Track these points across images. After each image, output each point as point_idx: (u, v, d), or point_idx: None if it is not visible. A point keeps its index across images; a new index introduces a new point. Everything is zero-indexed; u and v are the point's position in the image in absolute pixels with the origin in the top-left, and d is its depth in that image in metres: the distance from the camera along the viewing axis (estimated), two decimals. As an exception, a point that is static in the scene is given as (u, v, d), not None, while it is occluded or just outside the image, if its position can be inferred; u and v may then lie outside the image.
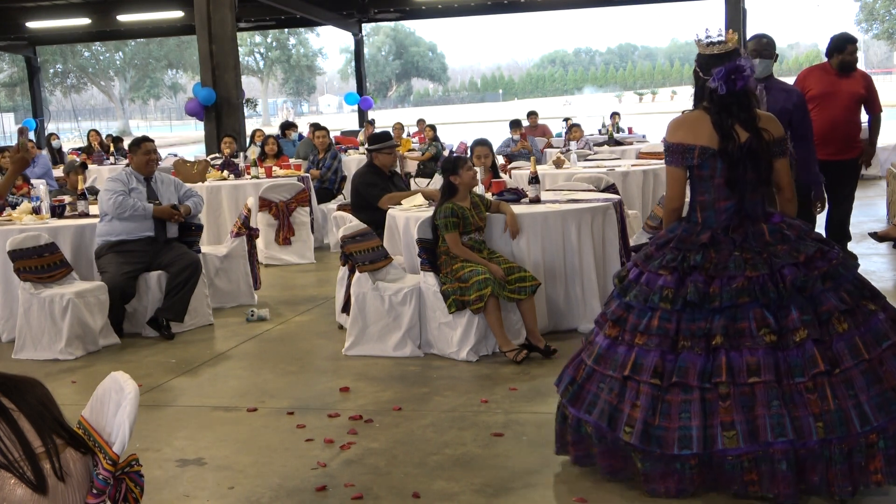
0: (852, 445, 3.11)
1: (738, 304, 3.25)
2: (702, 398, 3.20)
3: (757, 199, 3.50)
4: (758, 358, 3.17)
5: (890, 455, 3.13)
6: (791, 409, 3.13)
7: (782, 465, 3.10)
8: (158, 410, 4.75)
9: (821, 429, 3.10)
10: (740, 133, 3.47)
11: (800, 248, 3.33)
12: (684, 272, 3.35)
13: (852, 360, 3.16)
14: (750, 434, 3.13)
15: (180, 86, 64.82)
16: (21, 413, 2.03)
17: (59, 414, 2.11)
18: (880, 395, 3.14)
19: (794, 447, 3.10)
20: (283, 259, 8.99)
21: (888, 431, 3.12)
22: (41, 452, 2.01)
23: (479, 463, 3.81)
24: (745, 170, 3.46)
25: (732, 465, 3.17)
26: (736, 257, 3.33)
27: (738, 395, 3.17)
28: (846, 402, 3.12)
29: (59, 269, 6.01)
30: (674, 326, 3.29)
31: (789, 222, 3.47)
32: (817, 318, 3.21)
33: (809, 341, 3.18)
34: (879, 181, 13.40)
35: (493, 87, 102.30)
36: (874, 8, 52.01)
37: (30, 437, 2.00)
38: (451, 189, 5.48)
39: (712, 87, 3.46)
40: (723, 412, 3.17)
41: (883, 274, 7.18)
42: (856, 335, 3.20)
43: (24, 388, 2.08)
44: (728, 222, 3.45)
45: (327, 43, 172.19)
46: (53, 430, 2.06)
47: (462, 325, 5.29)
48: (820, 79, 7.35)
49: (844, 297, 3.26)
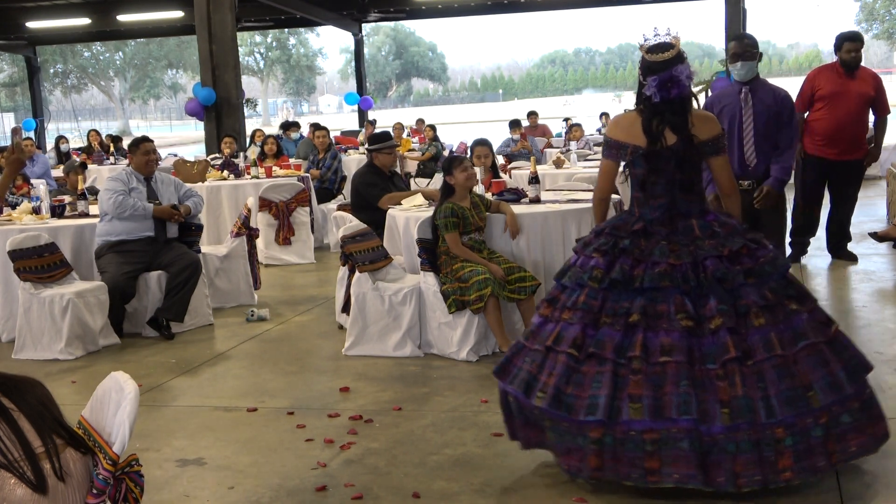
0: (759, 437, 3.17)
1: (659, 288, 3.37)
2: (614, 371, 3.29)
3: (691, 198, 3.62)
4: (672, 339, 3.27)
5: (798, 451, 3.19)
6: (699, 392, 3.21)
7: (684, 444, 3.17)
8: (158, 410, 4.75)
9: (726, 415, 3.16)
10: (668, 136, 3.60)
11: (725, 243, 3.44)
12: (614, 255, 3.50)
13: (765, 353, 3.24)
14: (655, 409, 3.20)
15: (180, 86, 64.80)
16: (21, 413, 2.03)
17: (59, 414, 2.11)
18: (790, 391, 3.21)
19: (698, 429, 3.16)
20: (283, 259, 8.99)
21: (795, 427, 3.18)
22: (41, 452, 2.01)
23: (479, 463, 3.81)
24: (673, 171, 3.59)
25: (634, 444, 3.21)
26: (662, 246, 3.47)
27: (649, 372, 3.26)
28: (755, 392, 3.20)
29: (59, 269, 6.01)
30: (598, 304, 3.42)
31: (723, 220, 3.58)
32: (735, 310, 3.31)
33: (724, 329, 3.27)
34: (879, 181, 13.40)
35: (493, 87, 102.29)
36: (874, 8, 51.99)
37: (30, 437, 2.00)
38: (448, 189, 5.49)
39: (648, 95, 3.61)
40: (632, 385, 3.25)
41: (883, 274, 7.17)
42: (772, 331, 3.29)
43: (24, 388, 2.08)
44: (661, 217, 3.58)
45: (327, 43, 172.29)
46: (53, 430, 2.06)
47: (462, 325, 5.29)
48: (829, 79, 7.37)
49: (766, 294, 3.35)
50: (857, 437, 3.30)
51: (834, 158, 7.35)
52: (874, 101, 7.35)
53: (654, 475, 3.21)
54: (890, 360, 4.96)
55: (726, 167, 3.79)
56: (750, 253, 3.45)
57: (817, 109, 7.39)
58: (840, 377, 3.29)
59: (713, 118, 3.81)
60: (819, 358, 3.31)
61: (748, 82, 5.65)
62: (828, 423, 3.23)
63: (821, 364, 3.30)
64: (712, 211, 3.67)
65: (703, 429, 3.17)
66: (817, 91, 7.38)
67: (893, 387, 4.52)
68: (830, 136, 7.30)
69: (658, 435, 3.19)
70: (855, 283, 6.89)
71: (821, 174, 7.48)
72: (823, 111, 7.34)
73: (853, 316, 5.94)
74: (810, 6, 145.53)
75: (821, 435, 3.22)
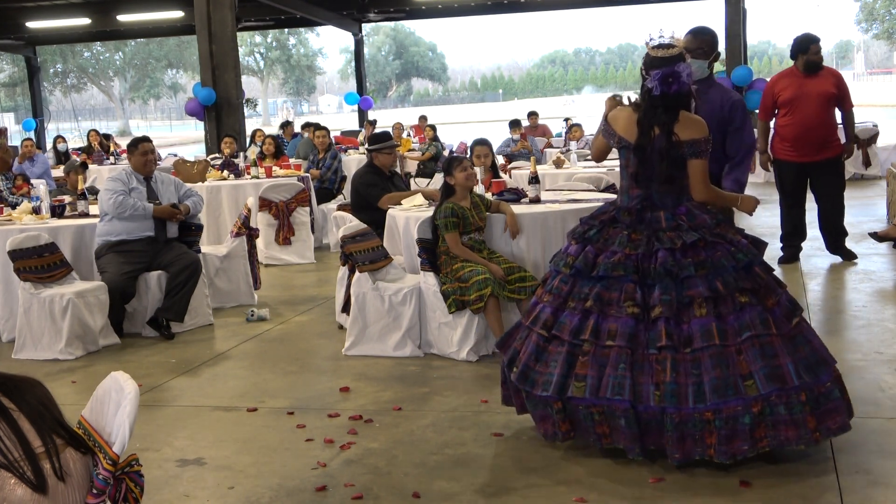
0: (684, 417, 3.43)
1: (613, 276, 3.63)
2: (569, 352, 3.63)
3: (667, 191, 3.78)
4: (619, 325, 3.55)
5: (722, 435, 3.41)
6: (637, 374, 3.50)
7: (621, 421, 3.50)
8: (158, 410, 4.75)
9: (657, 396, 3.45)
10: (655, 132, 3.77)
11: (682, 236, 3.63)
12: (584, 243, 3.78)
13: (702, 342, 3.46)
14: (594, 388, 3.54)
15: (180, 86, 64.80)
16: (21, 413, 2.03)
17: (59, 414, 2.11)
18: (722, 379, 3.42)
19: (633, 408, 3.46)
20: (283, 259, 8.99)
21: (722, 412, 3.40)
22: (41, 452, 2.01)
23: (479, 463, 3.81)
24: (656, 165, 3.76)
25: (584, 415, 3.58)
26: (623, 236, 3.71)
27: (596, 353, 3.57)
28: (687, 378, 3.45)
29: (59, 269, 6.01)
30: (567, 289, 3.73)
31: (694, 214, 3.74)
32: (679, 300, 3.53)
33: (662, 318, 3.52)
34: (879, 181, 13.40)
35: (493, 87, 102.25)
36: (874, 8, 52.00)
37: (30, 437, 2.00)
38: (448, 189, 5.50)
39: (648, 87, 3.76)
40: (580, 366, 3.59)
41: (883, 274, 7.17)
42: (713, 322, 3.49)
43: (24, 388, 2.08)
44: (636, 207, 3.78)
45: (327, 43, 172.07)
46: (53, 430, 2.06)
47: (462, 325, 5.29)
48: (789, 83, 7.33)
49: (716, 286, 3.53)
50: (792, 428, 3.44)
51: (805, 161, 7.33)
52: (838, 99, 7.31)
53: (607, 438, 3.58)
54: (890, 360, 4.96)
55: (699, 173, 3.82)
56: (707, 246, 3.62)
57: (782, 115, 7.40)
58: (786, 369, 3.45)
59: (700, 122, 3.84)
60: (765, 350, 3.47)
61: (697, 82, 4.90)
62: (761, 412, 3.42)
63: (766, 356, 3.46)
64: (686, 204, 3.79)
65: (639, 407, 3.47)
66: (778, 97, 7.37)
67: (893, 387, 4.52)
68: (798, 139, 7.29)
69: (602, 408, 3.53)
70: (855, 283, 6.89)
71: (799, 177, 7.47)
72: (787, 116, 7.33)
73: (853, 316, 5.94)
74: (810, 6, 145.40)
75: (749, 422, 3.41)
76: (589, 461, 3.69)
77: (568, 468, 3.67)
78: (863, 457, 3.66)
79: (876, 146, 14.38)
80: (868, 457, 3.66)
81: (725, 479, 3.50)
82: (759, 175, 14.36)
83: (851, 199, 11.44)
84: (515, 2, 20.62)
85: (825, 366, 3.55)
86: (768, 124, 7.65)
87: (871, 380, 4.63)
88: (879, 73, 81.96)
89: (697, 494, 3.39)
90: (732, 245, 3.67)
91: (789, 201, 7.61)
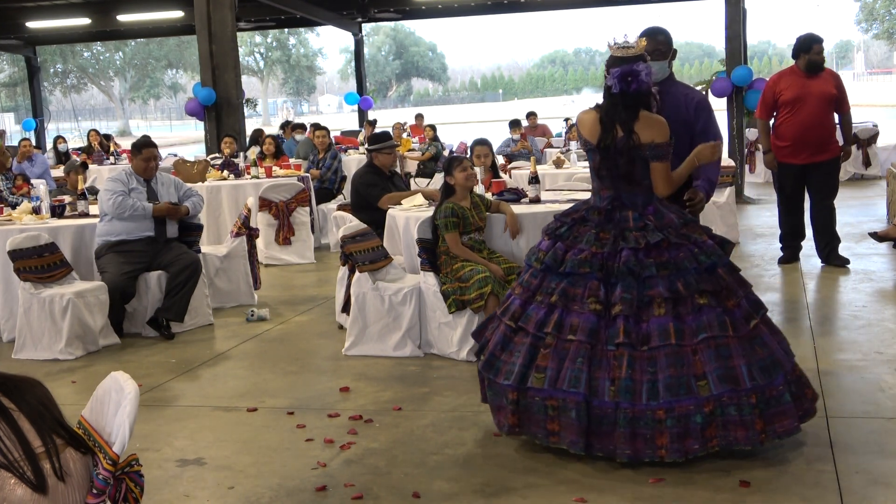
0: (638, 415, 3.50)
1: (579, 273, 3.72)
2: (532, 343, 3.73)
3: (635, 191, 3.84)
4: (580, 321, 3.64)
5: (674, 434, 3.48)
6: (594, 369, 3.58)
7: (572, 414, 3.57)
8: (158, 410, 4.75)
9: (612, 391, 3.53)
10: (618, 132, 3.82)
11: (647, 237, 3.69)
12: (555, 239, 3.87)
13: (659, 341, 3.54)
14: (553, 380, 3.62)
15: (180, 86, 64.76)
16: (21, 413, 2.03)
17: (59, 414, 2.11)
18: (675, 378, 3.49)
19: (587, 402, 3.54)
20: (283, 259, 8.99)
21: (674, 411, 3.47)
22: (41, 452, 2.01)
23: (479, 463, 3.81)
24: (619, 165, 3.82)
25: (539, 407, 3.66)
26: (591, 234, 3.79)
27: (558, 347, 3.66)
28: (642, 376, 3.53)
29: (59, 269, 6.01)
30: (537, 283, 3.82)
31: (663, 213, 3.80)
32: (640, 299, 3.60)
33: (622, 316, 3.59)
34: (879, 181, 13.41)
35: (493, 87, 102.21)
36: (874, 8, 51.98)
37: (30, 437, 2.00)
38: (448, 189, 5.50)
39: (608, 85, 3.83)
40: (541, 358, 3.68)
41: (883, 274, 7.17)
42: (670, 321, 3.57)
43: (24, 387, 2.08)
44: (605, 207, 3.86)
45: (327, 43, 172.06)
46: (53, 430, 2.06)
47: (462, 325, 5.29)
48: (791, 82, 7.26)
49: (677, 287, 3.60)
50: (741, 429, 3.50)
51: (805, 162, 7.27)
52: (837, 100, 7.26)
53: (555, 436, 3.64)
54: (890, 360, 4.96)
55: (661, 175, 3.85)
56: (671, 246, 3.69)
57: (782, 115, 7.33)
58: (740, 371, 3.51)
59: (661, 124, 3.85)
60: (720, 351, 3.54)
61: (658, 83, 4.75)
62: (712, 412, 3.48)
63: (721, 357, 3.53)
64: (655, 203, 3.85)
65: (595, 402, 3.55)
66: (780, 96, 7.30)
67: (893, 387, 4.53)
68: (797, 140, 7.23)
69: (557, 402, 3.60)
70: (855, 283, 6.89)
71: (798, 180, 7.42)
72: (788, 116, 7.27)
73: (853, 316, 5.94)
74: (810, 6, 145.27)
75: (700, 422, 3.47)
76: (589, 461, 3.69)
77: (568, 468, 3.67)
78: (863, 457, 3.66)
79: (876, 146, 14.39)
80: (868, 457, 3.66)
81: (725, 479, 3.50)
82: (759, 175, 14.38)
83: (851, 199, 11.49)
84: (515, 2, 20.60)
85: (779, 368, 3.60)
86: (768, 123, 7.58)
87: (871, 380, 4.64)
88: (879, 73, 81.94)
89: (697, 494, 3.39)
90: (696, 246, 3.72)
91: (789, 204, 7.57)
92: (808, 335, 5.54)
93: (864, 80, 77.28)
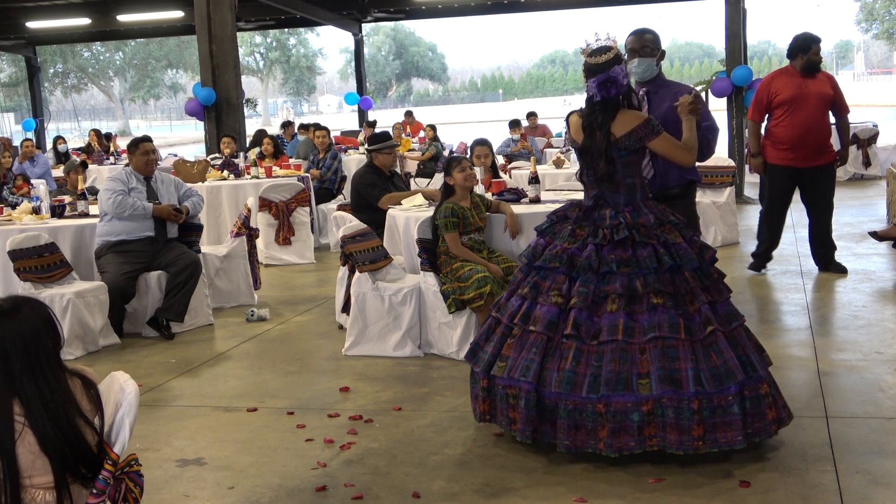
0: (578, 406, 3.58)
1: (549, 267, 3.83)
2: (503, 333, 3.88)
3: (617, 190, 3.91)
4: (542, 312, 3.75)
5: (612, 428, 3.52)
6: (548, 360, 3.68)
7: (521, 402, 3.68)
8: (158, 410, 4.75)
9: (557, 382, 3.62)
10: (598, 134, 3.90)
11: (614, 235, 3.77)
12: (540, 236, 4.02)
13: (607, 336, 3.61)
14: (510, 368, 3.75)
15: (180, 86, 64.74)
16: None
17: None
18: (616, 373, 3.56)
19: (535, 391, 3.65)
20: (283, 259, 8.99)
21: (612, 406, 3.52)
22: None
23: (479, 463, 3.81)
24: (599, 166, 3.90)
25: (502, 396, 3.79)
26: (567, 230, 3.90)
27: (522, 337, 3.79)
28: (586, 369, 3.61)
29: (59, 269, 6.01)
30: (521, 277, 3.96)
31: (641, 212, 3.84)
32: (596, 294, 3.69)
33: (576, 309, 3.68)
34: (879, 181, 13.41)
35: (493, 87, 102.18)
36: (874, 8, 51.94)
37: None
38: (448, 189, 5.51)
39: (590, 95, 3.92)
40: (506, 347, 3.83)
41: (883, 274, 7.17)
42: (621, 318, 3.62)
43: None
44: (587, 205, 3.97)
45: (327, 43, 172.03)
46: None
47: (462, 325, 5.29)
48: (787, 83, 7.04)
49: (634, 285, 3.66)
50: (675, 433, 3.51)
51: (801, 165, 7.03)
52: (834, 102, 7.04)
53: (515, 424, 3.72)
54: (890, 360, 4.96)
55: (668, 147, 3.98)
56: (635, 244, 3.74)
57: (777, 116, 7.05)
58: (684, 375, 3.52)
59: (634, 114, 3.94)
60: (667, 352, 3.56)
61: (647, 83, 4.76)
62: (651, 411, 3.52)
63: (667, 358, 3.56)
64: (636, 203, 3.89)
65: (543, 392, 3.65)
66: (775, 97, 7.03)
67: (893, 386, 4.53)
68: (794, 142, 6.97)
69: (514, 391, 3.71)
70: (855, 283, 6.89)
71: (788, 184, 7.18)
72: (784, 117, 7.00)
73: (853, 316, 5.94)
74: (810, 6, 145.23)
75: (637, 420, 3.52)
76: (589, 461, 3.69)
77: (568, 468, 3.67)
78: (863, 457, 3.66)
79: (876, 146, 14.37)
80: (868, 457, 3.66)
81: (725, 479, 3.50)
82: (756, 175, 14.36)
83: (851, 199, 11.49)
84: (515, 2, 20.60)
85: (732, 378, 3.54)
86: (760, 125, 7.31)
87: (871, 380, 4.64)
88: (879, 73, 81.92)
89: (697, 494, 3.39)
90: (664, 247, 3.74)
91: (773, 208, 7.31)
92: (808, 335, 5.54)
93: (864, 80, 77.25)
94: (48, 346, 2.31)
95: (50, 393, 2.24)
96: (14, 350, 2.25)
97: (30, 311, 2.33)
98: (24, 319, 2.29)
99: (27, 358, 2.25)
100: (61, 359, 2.40)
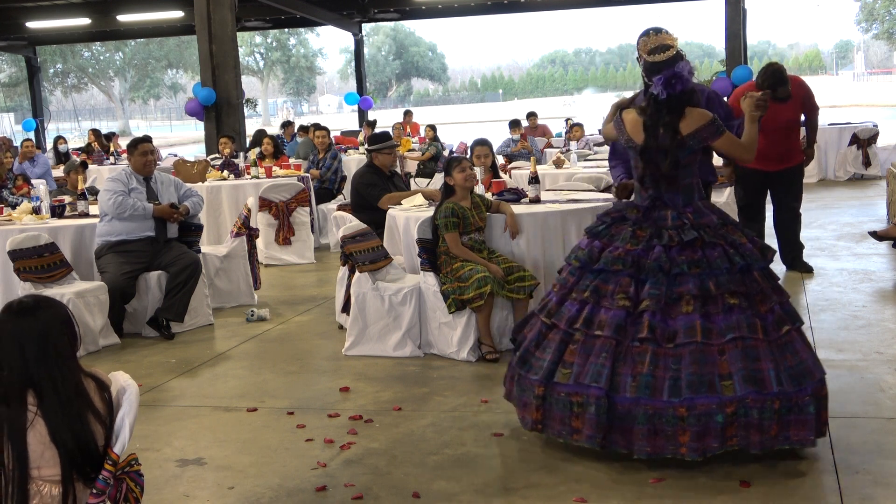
0: (657, 412, 3.48)
1: (611, 270, 3.73)
2: (562, 339, 3.74)
3: (675, 190, 3.85)
4: (608, 317, 3.64)
5: (695, 431, 3.45)
6: (618, 365, 3.58)
7: (592, 409, 3.55)
8: (158, 410, 4.75)
9: (633, 387, 3.52)
10: (661, 133, 3.84)
11: (681, 235, 3.71)
12: (594, 238, 3.90)
13: (684, 338, 3.53)
14: (577, 375, 3.62)
15: (180, 86, 64.75)
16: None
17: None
18: (699, 376, 3.48)
19: (606, 397, 3.53)
20: (283, 259, 8.99)
21: (696, 409, 3.45)
22: None
23: (479, 463, 3.81)
24: (661, 166, 3.84)
25: (563, 404, 3.64)
26: (627, 232, 3.80)
27: (586, 343, 3.67)
28: (665, 372, 3.51)
29: (59, 269, 6.00)
30: (574, 280, 3.84)
31: (702, 213, 3.81)
32: (668, 296, 3.61)
33: (649, 312, 3.58)
34: (879, 181, 13.41)
35: (493, 87, 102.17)
36: (874, 8, 51.97)
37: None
38: (449, 189, 5.51)
39: (654, 93, 3.82)
40: (569, 353, 3.70)
41: (883, 274, 7.17)
42: (697, 319, 3.56)
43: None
44: (645, 205, 3.88)
45: (327, 43, 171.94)
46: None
47: (462, 325, 5.29)
48: None
49: (707, 286, 3.60)
50: (758, 433, 3.48)
51: (769, 169, 7.07)
52: (803, 104, 7.10)
53: (578, 434, 3.60)
54: (890, 360, 4.96)
55: (730, 145, 3.96)
56: (705, 245, 3.69)
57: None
58: (766, 375, 3.49)
59: (700, 112, 3.90)
60: (748, 353, 3.52)
61: None
62: (734, 412, 3.46)
63: (748, 358, 3.51)
64: (696, 203, 3.86)
65: (616, 398, 3.53)
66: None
67: (893, 386, 4.53)
68: (764, 152, 6.71)
69: (581, 398, 3.58)
70: (855, 283, 6.89)
71: (759, 186, 7.22)
72: None
73: (853, 316, 5.94)
74: (810, 6, 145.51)
75: (721, 421, 3.45)
76: (589, 461, 3.69)
77: (568, 468, 3.67)
78: (863, 457, 3.66)
79: (876, 146, 14.36)
80: (868, 457, 3.66)
81: (725, 479, 3.50)
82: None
83: (851, 199, 11.50)
84: (515, 2, 20.62)
85: (810, 377, 3.55)
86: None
87: (871, 380, 4.64)
88: (879, 73, 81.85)
89: (698, 495, 3.39)
90: (732, 247, 3.70)
91: (749, 213, 7.27)
92: (808, 335, 5.53)
93: (864, 80, 77.17)
94: (64, 343, 2.44)
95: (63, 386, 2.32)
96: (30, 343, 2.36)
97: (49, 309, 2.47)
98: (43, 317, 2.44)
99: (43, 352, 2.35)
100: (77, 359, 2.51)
